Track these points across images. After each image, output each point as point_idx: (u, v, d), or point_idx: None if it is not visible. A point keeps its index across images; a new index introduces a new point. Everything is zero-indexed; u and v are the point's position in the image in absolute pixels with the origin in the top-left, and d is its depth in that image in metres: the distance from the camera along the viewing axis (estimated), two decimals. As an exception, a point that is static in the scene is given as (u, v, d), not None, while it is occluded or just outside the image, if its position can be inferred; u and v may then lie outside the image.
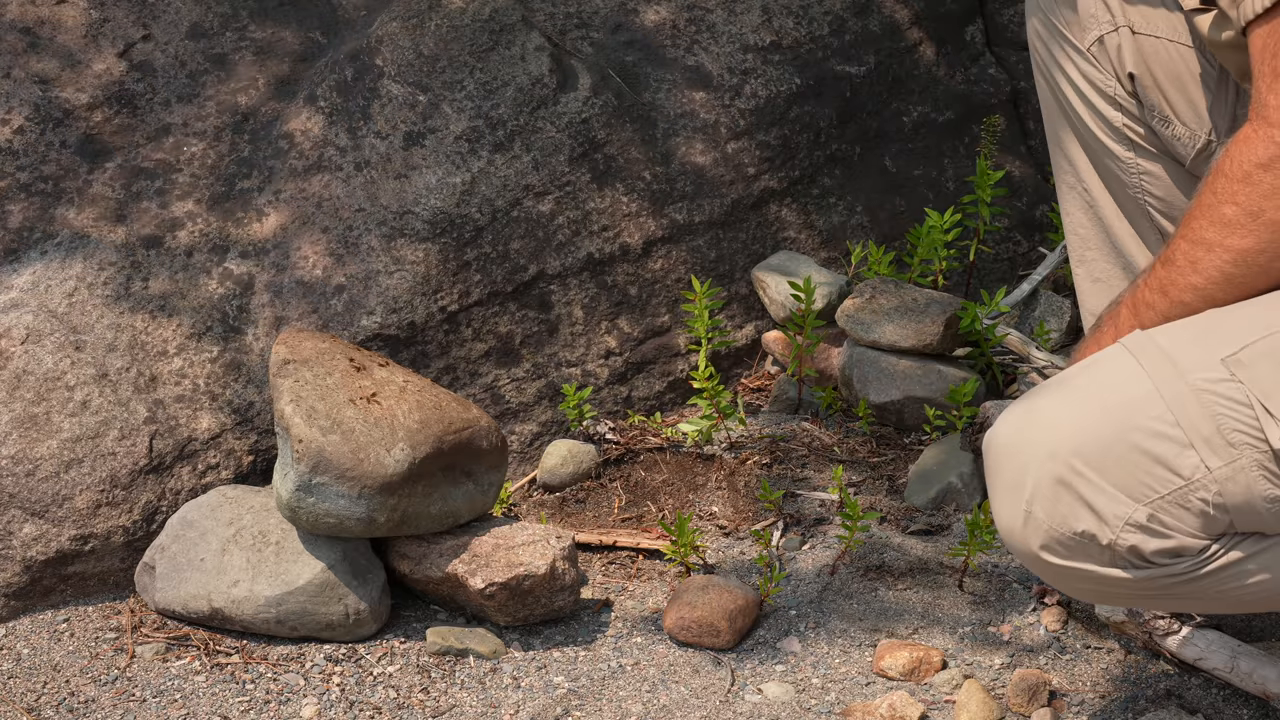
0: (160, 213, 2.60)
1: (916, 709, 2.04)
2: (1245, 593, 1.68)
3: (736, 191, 2.84)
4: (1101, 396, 1.64)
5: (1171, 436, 1.60)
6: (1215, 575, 1.65)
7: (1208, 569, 1.65)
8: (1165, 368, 1.62)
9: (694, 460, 2.60)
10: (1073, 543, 1.65)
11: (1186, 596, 1.70)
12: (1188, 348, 1.63)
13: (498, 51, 2.79)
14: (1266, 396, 1.59)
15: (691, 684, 2.14)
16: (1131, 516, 1.62)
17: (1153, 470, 1.61)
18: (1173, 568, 1.64)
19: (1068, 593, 1.76)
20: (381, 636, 2.24)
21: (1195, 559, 1.64)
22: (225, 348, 2.49)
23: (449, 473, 2.22)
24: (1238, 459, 1.60)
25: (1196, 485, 1.61)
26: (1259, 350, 1.61)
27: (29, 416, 2.35)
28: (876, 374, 2.64)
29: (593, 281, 2.71)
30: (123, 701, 2.12)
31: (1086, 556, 1.65)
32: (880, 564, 2.37)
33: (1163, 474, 1.61)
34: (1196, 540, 1.63)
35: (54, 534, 2.30)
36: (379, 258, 2.59)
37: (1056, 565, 1.68)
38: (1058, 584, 1.73)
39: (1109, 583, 1.67)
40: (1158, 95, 2.06)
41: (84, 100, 2.68)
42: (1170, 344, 1.64)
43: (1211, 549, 1.64)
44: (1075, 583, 1.70)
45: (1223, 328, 1.65)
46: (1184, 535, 1.63)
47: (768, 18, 2.96)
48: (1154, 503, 1.61)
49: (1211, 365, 1.61)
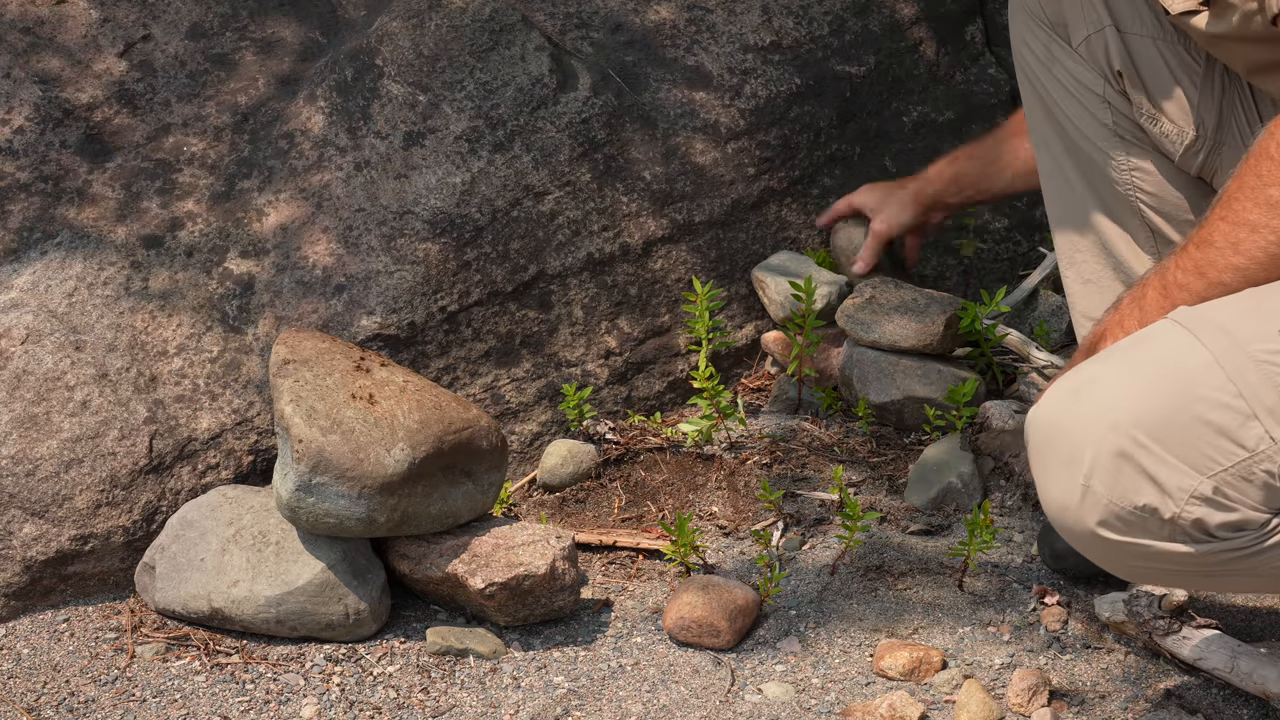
0: (160, 212, 2.60)
1: (916, 709, 2.04)
2: None
3: (736, 191, 2.84)
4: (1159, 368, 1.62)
5: (1234, 407, 1.58)
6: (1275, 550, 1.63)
7: (1269, 543, 1.62)
8: (1222, 339, 1.60)
9: (694, 460, 2.60)
10: (1133, 517, 1.62)
11: (1243, 573, 1.67)
12: (1242, 320, 1.61)
13: (498, 51, 2.79)
14: None
15: (691, 684, 2.14)
16: (1197, 489, 1.59)
17: (1216, 442, 1.59)
18: (1234, 542, 1.62)
19: (1117, 572, 1.73)
20: (381, 636, 2.24)
21: (1258, 532, 1.62)
22: (225, 348, 2.49)
23: (449, 473, 2.22)
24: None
25: (1261, 457, 1.59)
26: None
27: (29, 416, 2.35)
28: (876, 374, 2.64)
29: (593, 281, 2.71)
30: (123, 701, 2.12)
31: (1146, 532, 1.62)
32: (880, 564, 2.37)
33: (1227, 446, 1.59)
34: (1259, 514, 1.61)
35: (54, 534, 2.30)
36: (379, 258, 2.59)
37: (1114, 542, 1.65)
38: (1110, 563, 1.70)
39: (1167, 559, 1.64)
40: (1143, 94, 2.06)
41: (84, 100, 2.68)
42: (1223, 317, 1.62)
43: (1274, 522, 1.62)
44: (1130, 560, 1.67)
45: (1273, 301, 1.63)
46: (1247, 508, 1.60)
47: (768, 18, 2.96)
48: (1218, 475, 1.59)
49: (1270, 336, 1.59)
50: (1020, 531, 2.45)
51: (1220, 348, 1.60)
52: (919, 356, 2.64)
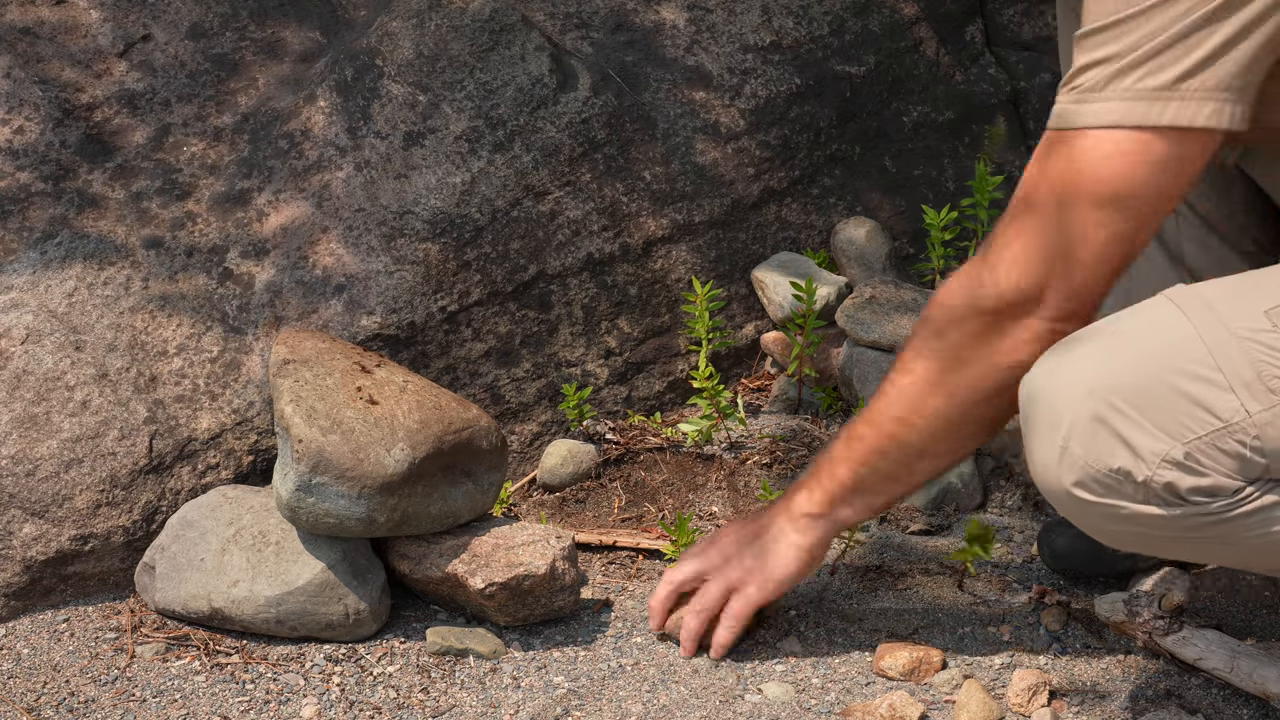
0: (160, 212, 2.60)
1: (916, 709, 2.04)
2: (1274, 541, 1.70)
3: (736, 191, 2.84)
4: (1142, 339, 1.67)
5: (1212, 380, 1.63)
6: (1249, 518, 1.67)
7: (1241, 509, 1.67)
8: (1207, 315, 1.65)
9: (694, 460, 2.60)
10: (1108, 479, 1.67)
11: (1217, 541, 1.71)
12: (1230, 299, 1.66)
13: (498, 51, 2.79)
14: None
15: (691, 684, 2.14)
16: (1169, 454, 1.64)
17: (1192, 411, 1.63)
18: (1207, 506, 1.66)
19: (1093, 533, 1.78)
20: (381, 636, 2.24)
21: (1230, 499, 1.66)
22: (225, 348, 2.49)
23: (449, 473, 2.22)
24: (1277, 405, 1.63)
25: (1235, 428, 1.64)
26: None
27: (29, 416, 2.35)
28: (877, 374, 2.64)
29: (593, 281, 2.71)
30: (123, 701, 2.12)
31: (1120, 494, 1.68)
32: (880, 564, 2.37)
33: (1202, 415, 1.63)
34: (1232, 481, 1.66)
35: (54, 534, 2.30)
36: (379, 258, 2.59)
37: (1089, 502, 1.70)
38: (1087, 523, 1.74)
39: (1140, 521, 1.69)
40: None
41: (84, 100, 2.68)
42: (1213, 295, 1.67)
43: (1247, 490, 1.67)
44: (1106, 523, 1.72)
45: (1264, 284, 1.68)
46: (1220, 475, 1.65)
47: (768, 18, 2.97)
48: (1192, 443, 1.64)
49: (1255, 315, 1.64)
50: (1020, 531, 2.45)
51: (1204, 322, 1.65)
52: (919, 356, 2.64)
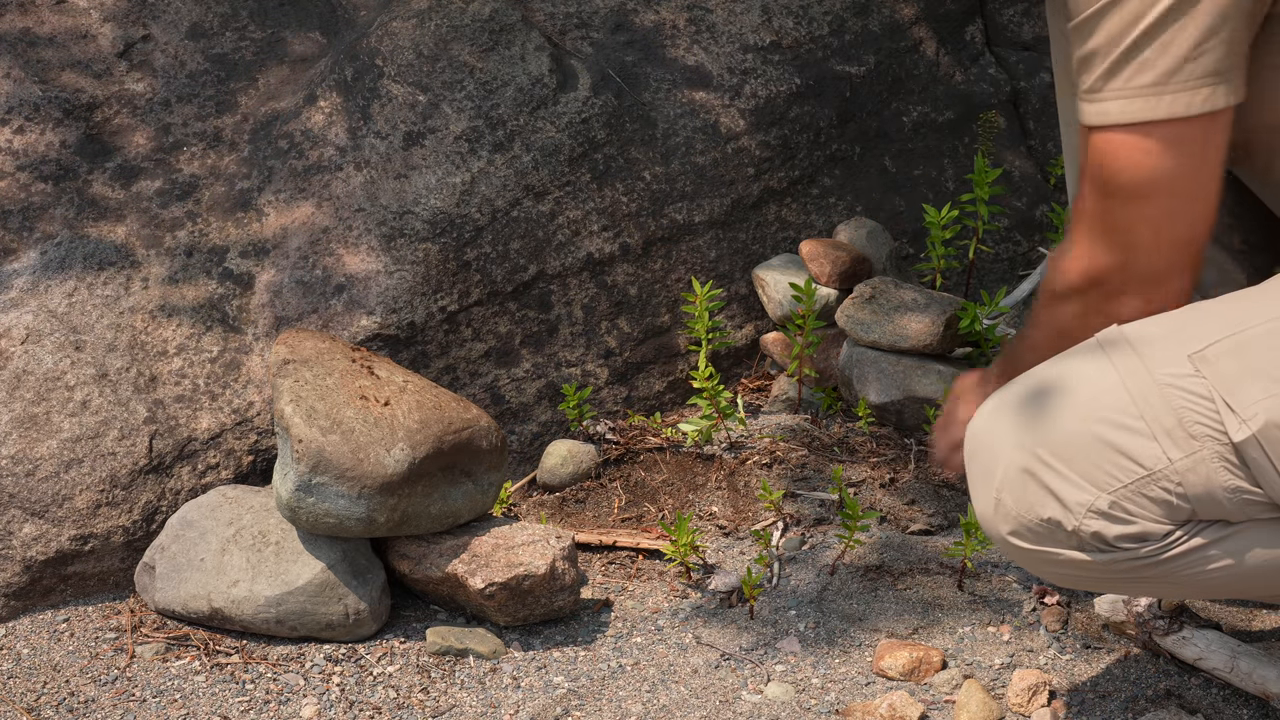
0: (160, 213, 2.60)
1: (916, 709, 2.04)
2: (1211, 578, 1.72)
3: (736, 191, 2.84)
4: (1070, 389, 1.70)
5: (1134, 429, 1.66)
6: (1179, 560, 1.70)
7: (1171, 553, 1.70)
8: (1132, 362, 1.67)
9: (694, 460, 2.60)
10: (1040, 528, 1.71)
11: (1153, 580, 1.74)
12: (1157, 344, 1.68)
13: (498, 51, 2.79)
14: (1228, 392, 1.63)
15: (691, 684, 2.14)
16: (1094, 504, 1.68)
17: (1116, 460, 1.66)
18: (1136, 551, 1.70)
19: (1038, 575, 1.83)
20: (381, 636, 2.24)
21: (1159, 543, 1.69)
22: (225, 348, 2.49)
23: (449, 473, 2.22)
24: (1198, 450, 1.65)
25: (1159, 475, 1.66)
26: (1224, 347, 1.65)
27: (29, 416, 2.35)
28: (876, 374, 2.64)
29: (593, 281, 2.71)
30: (123, 701, 2.12)
31: (1053, 541, 1.71)
32: (880, 564, 2.37)
33: (1125, 464, 1.66)
34: (1160, 525, 1.68)
35: (54, 534, 2.30)
36: (379, 258, 2.59)
37: (1025, 549, 1.74)
38: (1028, 567, 1.78)
39: (1075, 566, 1.73)
40: None
41: (84, 100, 2.68)
42: (1140, 340, 1.69)
43: (1175, 534, 1.69)
44: (1044, 566, 1.76)
45: (1193, 326, 1.70)
46: (1148, 521, 1.68)
47: (768, 18, 2.96)
48: (1117, 491, 1.67)
49: (1178, 361, 1.66)
50: (1020, 531, 2.45)
51: (1128, 369, 1.67)
52: (919, 356, 2.64)
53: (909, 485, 2.56)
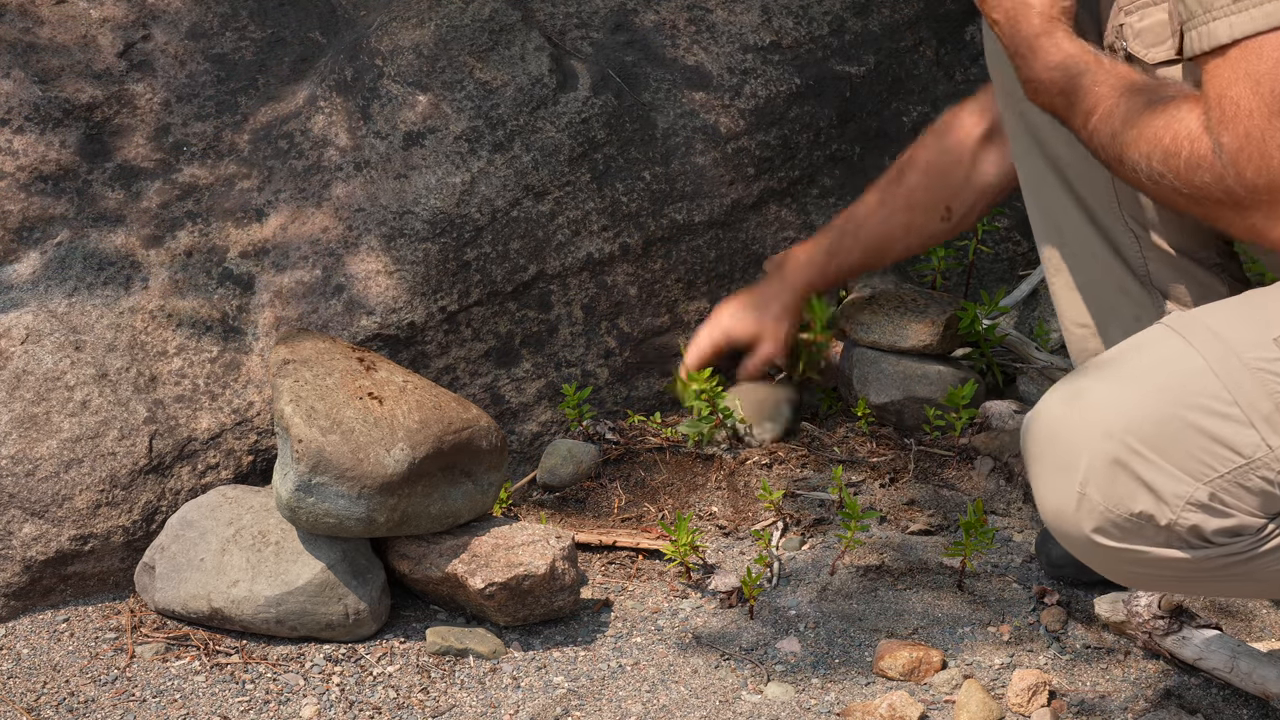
0: (160, 213, 2.60)
1: (916, 709, 2.04)
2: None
3: (736, 191, 2.84)
4: (1153, 375, 1.63)
5: (1230, 415, 1.59)
6: (1272, 554, 1.64)
7: (1265, 547, 1.63)
8: (1216, 346, 1.61)
9: (694, 460, 2.60)
10: (1129, 524, 1.63)
11: (1239, 578, 1.68)
12: (1236, 327, 1.62)
13: (498, 51, 2.79)
14: None
15: (691, 684, 2.14)
16: (1193, 495, 1.60)
17: (1212, 449, 1.60)
18: (1230, 547, 1.63)
19: (1114, 577, 1.74)
20: (381, 636, 2.24)
21: (1254, 538, 1.63)
22: (225, 348, 2.49)
23: (449, 473, 2.22)
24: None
25: (1258, 464, 1.60)
26: None
27: (29, 416, 2.35)
28: (876, 374, 2.64)
29: (593, 281, 2.71)
30: (122, 701, 2.12)
31: (1142, 538, 1.64)
32: (880, 564, 2.37)
33: (1223, 452, 1.60)
34: (1255, 519, 1.62)
35: (54, 534, 2.30)
36: (379, 258, 2.59)
37: (1110, 548, 1.66)
38: (1106, 568, 1.70)
39: (1163, 565, 1.65)
40: None
41: (84, 100, 2.68)
42: (1217, 323, 1.63)
43: (1269, 528, 1.63)
44: (1126, 566, 1.68)
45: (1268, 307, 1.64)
46: (1244, 514, 1.62)
47: (768, 18, 2.96)
48: (1214, 481, 1.60)
49: (1265, 344, 1.60)
50: (1020, 531, 2.45)
51: (1214, 354, 1.61)
52: (919, 356, 2.64)
53: (909, 485, 2.56)
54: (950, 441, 2.62)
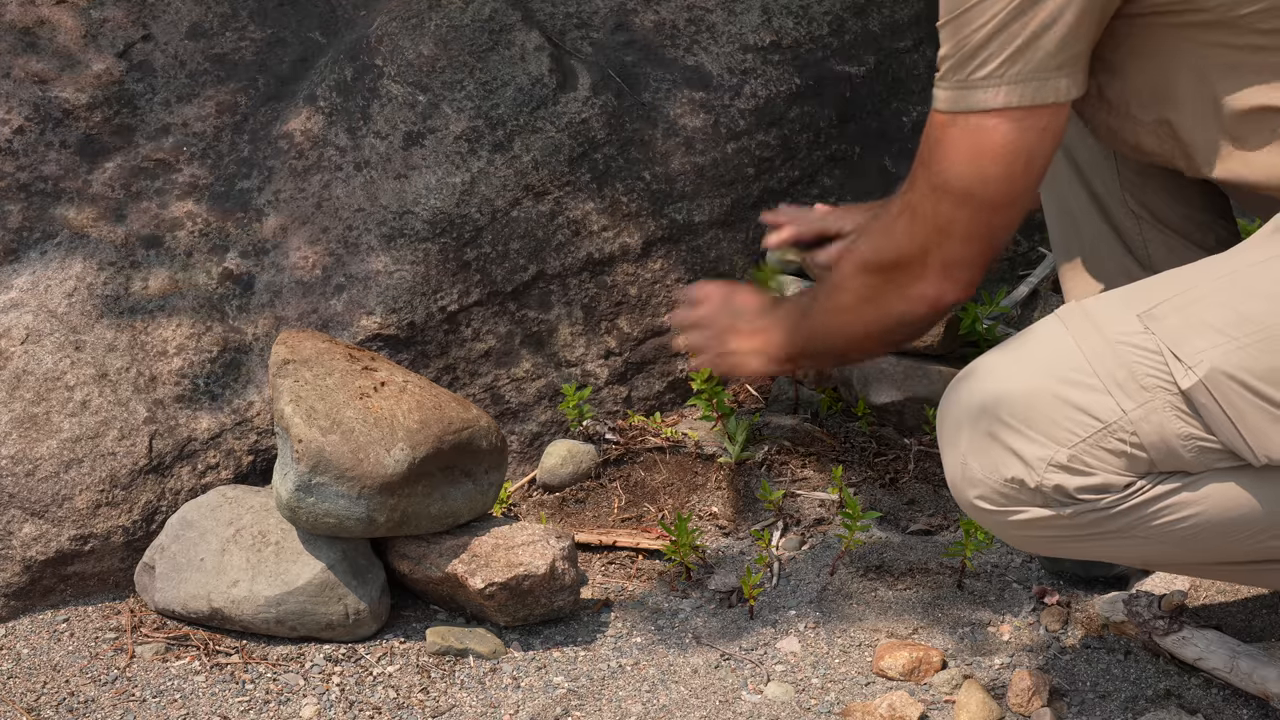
0: (160, 213, 2.60)
1: (916, 709, 2.04)
2: (1177, 531, 1.77)
3: (736, 191, 2.84)
4: (1028, 356, 1.79)
5: (1089, 384, 1.73)
6: (1143, 509, 1.76)
7: (1132, 502, 1.76)
8: (1085, 325, 1.75)
9: (694, 460, 2.60)
10: (1005, 489, 1.77)
11: (1116, 536, 1.79)
12: (1109, 308, 1.77)
13: (498, 51, 2.79)
14: (1175, 344, 1.71)
15: (691, 684, 2.14)
16: (1053, 458, 1.74)
17: (1072, 415, 1.73)
18: (1098, 503, 1.76)
19: (1006, 540, 1.88)
20: (381, 636, 2.24)
21: (1120, 494, 1.75)
22: (225, 348, 2.49)
23: (449, 473, 2.22)
24: (1150, 400, 1.72)
25: (1114, 427, 1.73)
26: (1172, 305, 1.73)
27: (29, 416, 2.35)
28: (876, 375, 2.64)
29: (593, 281, 2.71)
30: (122, 701, 2.12)
31: (1018, 501, 1.78)
32: (880, 564, 2.37)
33: (1082, 418, 1.73)
34: (1121, 477, 1.75)
35: (54, 534, 2.30)
36: (379, 258, 2.59)
37: (991, 512, 1.80)
38: (997, 532, 1.85)
39: (1040, 524, 1.79)
40: None
41: (84, 100, 2.68)
42: (1094, 305, 1.78)
43: (1137, 485, 1.75)
44: (1011, 529, 1.82)
45: (1143, 290, 1.78)
46: (1108, 473, 1.74)
47: (768, 18, 2.96)
48: (1076, 446, 1.74)
49: (1128, 320, 1.74)
50: (1020, 531, 2.45)
51: (1081, 331, 1.75)
52: (919, 357, 2.64)
53: (909, 485, 2.56)
54: (950, 441, 2.62)
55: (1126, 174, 2.14)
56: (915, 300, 1.91)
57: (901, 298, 1.92)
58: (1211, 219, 2.16)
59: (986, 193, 1.81)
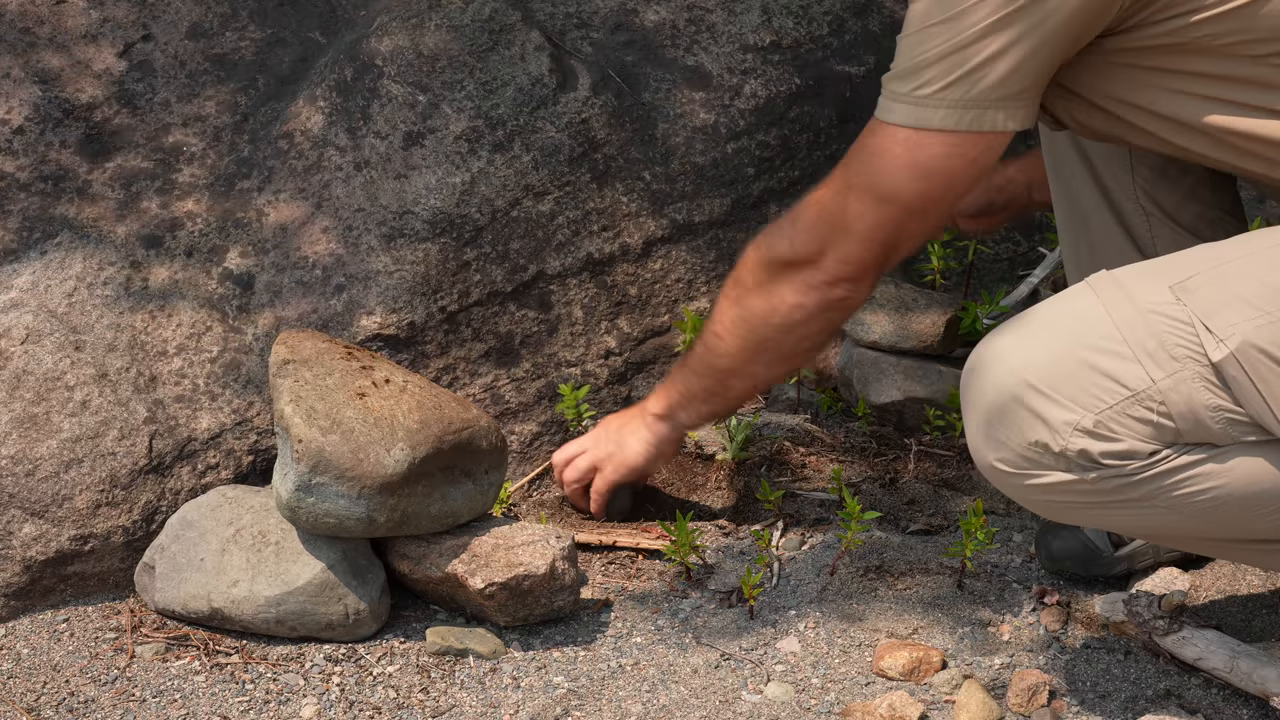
0: (160, 212, 2.60)
1: (916, 709, 2.04)
2: (1200, 503, 1.78)
3: (736, 191, 2.84)
4: (1058, 321, 1.79)
5: (1119, 352, 1.73)
6: (1166, 478, 1.77)
7: (1156, 470, 1.76)
8: (1116, 293, 1.76)
9: (694, 460, 2.59)
10: (1028, 452, 1.77)
11: (1140, 504, 1.80)
12: (1140, 279, 1.77)
13: (498, 51, 2.79)
14: (1207, 316, 1.71)
15: (691, 684, 2.14)
16: (1080, 422, 1.74)
17: (1101, 382, 1.74)
18: (1122, 469, 1.76)
19: (1024, 504, 1.88)
20: (381, 636, 2.24)
21: (1144, 461, 1.76)
22: (225, 348, 2.49)
23: (448, 473, 2.22)
24: (1180, 370, 1.72)
25: (1143, 396, 1.73)
26: (1204, 278, 1.74)
27: (29, 416, 2.35)
28: (876, 374, 2.64)
29: (593, 281, 2.71)
30: (122, 701, 2.12)
31: (1040, 465, 1.78)
32: (880, 564, 2.37)
33: (1110, 385, 1.74)
34: (1146, 445, 1.75)
35: (54, 534, 2.30)
36: (379, 258, 2.59)
37: (1012, 474, 1.80)
38: (1015, 495, 1.85)
39: (1061, 490, 1.79)
40: None
41: (84, 100, 2.68)
42: (1126, 276, 1.78)
43: (1162, 453, 1.76)
44: (1030, 493, 1.82)
45: (1176, 262, 1.79)
46: (1133, 440, 1.75)
47: (768, 18, 2.96)
48: (1103, 412, 1.74)
49: (1160, 291, 1.74)
50: (1020, 531, 2.45)
51: (1112, 300, 1.75)
52: (919, 357, 2.64)
53: (909, 485, 2.56)
54: (950, 441, 2.62)
55: (1141, 171, 2.16)
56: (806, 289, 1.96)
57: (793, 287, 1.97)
58: (1222, 216, 2.17)
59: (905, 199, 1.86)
